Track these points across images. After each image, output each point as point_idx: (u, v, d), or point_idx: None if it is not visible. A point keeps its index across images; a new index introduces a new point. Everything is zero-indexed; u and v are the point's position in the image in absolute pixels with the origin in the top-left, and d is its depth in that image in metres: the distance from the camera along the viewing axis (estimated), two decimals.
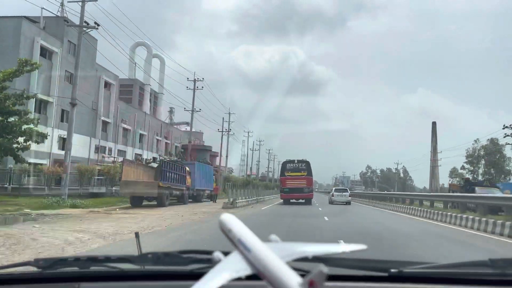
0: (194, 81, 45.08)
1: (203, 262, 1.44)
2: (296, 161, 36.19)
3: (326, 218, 18.42)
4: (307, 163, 35.95)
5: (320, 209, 27.84)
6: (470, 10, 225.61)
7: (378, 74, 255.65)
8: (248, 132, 75.55)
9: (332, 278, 1.44)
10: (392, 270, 1.40)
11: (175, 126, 69.47)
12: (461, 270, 1.48)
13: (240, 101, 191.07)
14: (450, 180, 62.37)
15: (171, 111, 75.29)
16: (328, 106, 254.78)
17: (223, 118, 59.65)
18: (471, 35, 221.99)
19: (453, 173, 72.76)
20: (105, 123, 42.69)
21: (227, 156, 62.51)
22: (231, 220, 1.32)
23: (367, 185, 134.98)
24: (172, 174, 27.13)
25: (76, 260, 1.62)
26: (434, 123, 64.08)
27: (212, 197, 36.36)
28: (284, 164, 37.38)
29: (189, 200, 31.02)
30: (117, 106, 44.77)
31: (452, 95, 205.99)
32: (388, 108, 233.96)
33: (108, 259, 1.56)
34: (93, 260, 1.60)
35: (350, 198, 36.93)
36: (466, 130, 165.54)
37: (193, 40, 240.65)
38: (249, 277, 1.15)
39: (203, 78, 45.42)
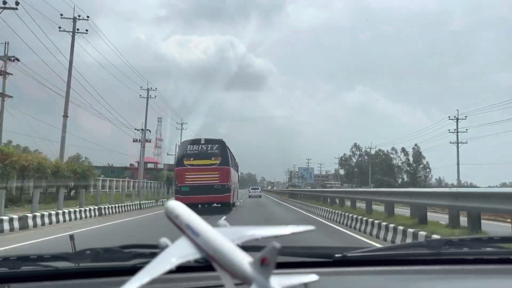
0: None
1: (146, 256, 1.41)
2: (202, 141, 21.04)
3: None
4: (222, 144, 21.28)
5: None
6: (405, 12, 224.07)
7: (317, 68, 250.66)
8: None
9: (279, 266, 1.43)
10: (336, 255, 1.48)
11: None
12: (400, 251, 1.61)
13: (175, 94, 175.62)
14: None
15: None
16: (269, 99, 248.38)
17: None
18: (406, 37, 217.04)
19: None
20: None
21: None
22: (177, 206, 1.29)
23: (350, 180, 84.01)
24: None
25: (5, 259, 1.52)
26: None
27: None
28: (183, 146, 21.64)
29: None
30: None
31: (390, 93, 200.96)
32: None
33: (41, 257, 1.49)
34: (24, 259, 1.51)
35: (261, 193, 55.35)
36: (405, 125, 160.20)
37: (117, 24, 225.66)
38: (199, 265, 1.12)
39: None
